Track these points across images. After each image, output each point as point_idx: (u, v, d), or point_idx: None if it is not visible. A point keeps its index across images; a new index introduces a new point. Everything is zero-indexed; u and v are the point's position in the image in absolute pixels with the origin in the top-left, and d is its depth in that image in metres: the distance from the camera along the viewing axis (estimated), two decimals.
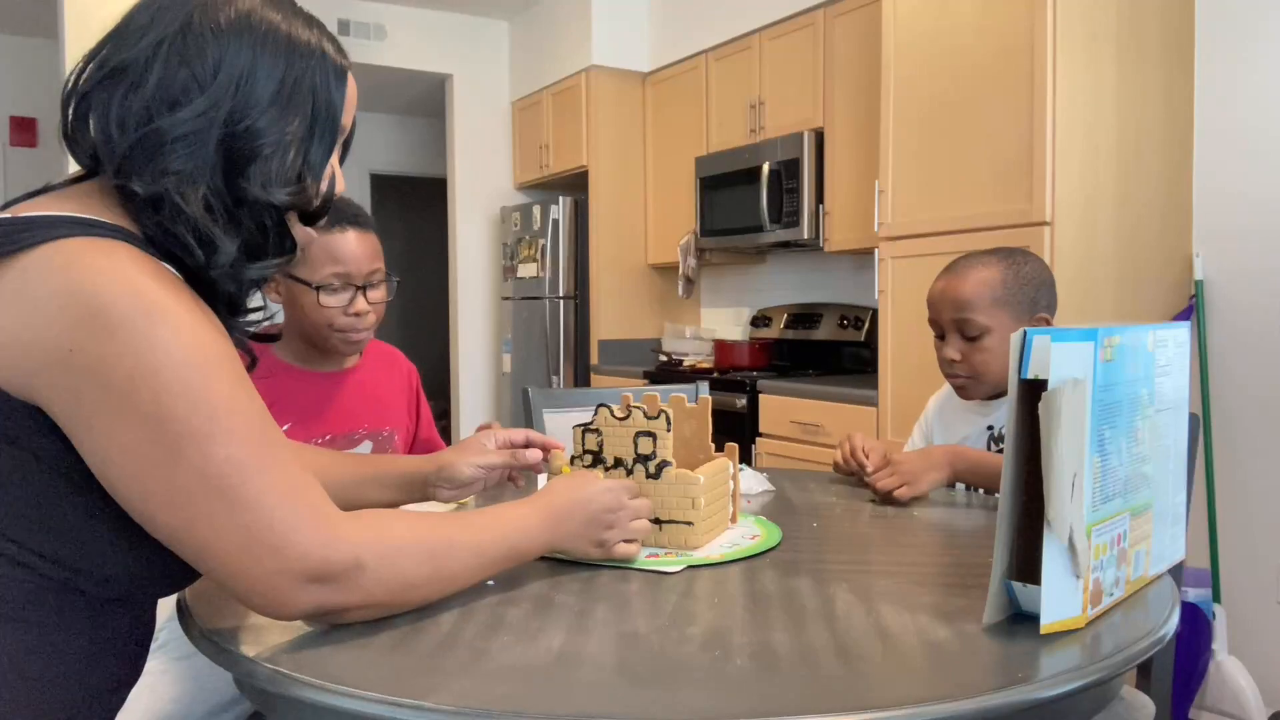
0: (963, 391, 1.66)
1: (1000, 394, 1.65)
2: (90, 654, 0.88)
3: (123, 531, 0.83)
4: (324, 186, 0.95)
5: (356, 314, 1.63)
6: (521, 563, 1.01)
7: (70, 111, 0.88)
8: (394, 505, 1.32)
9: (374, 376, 1.79)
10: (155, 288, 0.79)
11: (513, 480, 1.35)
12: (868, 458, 1.57)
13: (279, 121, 0.88)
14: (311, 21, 0.93)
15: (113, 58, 0.86)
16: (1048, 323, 1.61)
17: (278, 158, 0.88)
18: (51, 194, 0.88)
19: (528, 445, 1.32)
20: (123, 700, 0.97)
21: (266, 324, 1.04)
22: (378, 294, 1.66)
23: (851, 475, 1.62)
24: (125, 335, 0.76)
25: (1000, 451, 1.60)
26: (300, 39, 0.90)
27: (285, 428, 1.64)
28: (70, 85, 0.87)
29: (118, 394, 0.76)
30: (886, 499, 1.48)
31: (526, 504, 1.03)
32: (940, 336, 1.65)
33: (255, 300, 0.97)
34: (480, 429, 1.69)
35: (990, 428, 1.66)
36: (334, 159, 0.96)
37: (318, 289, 1.59)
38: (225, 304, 0.91)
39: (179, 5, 0.87)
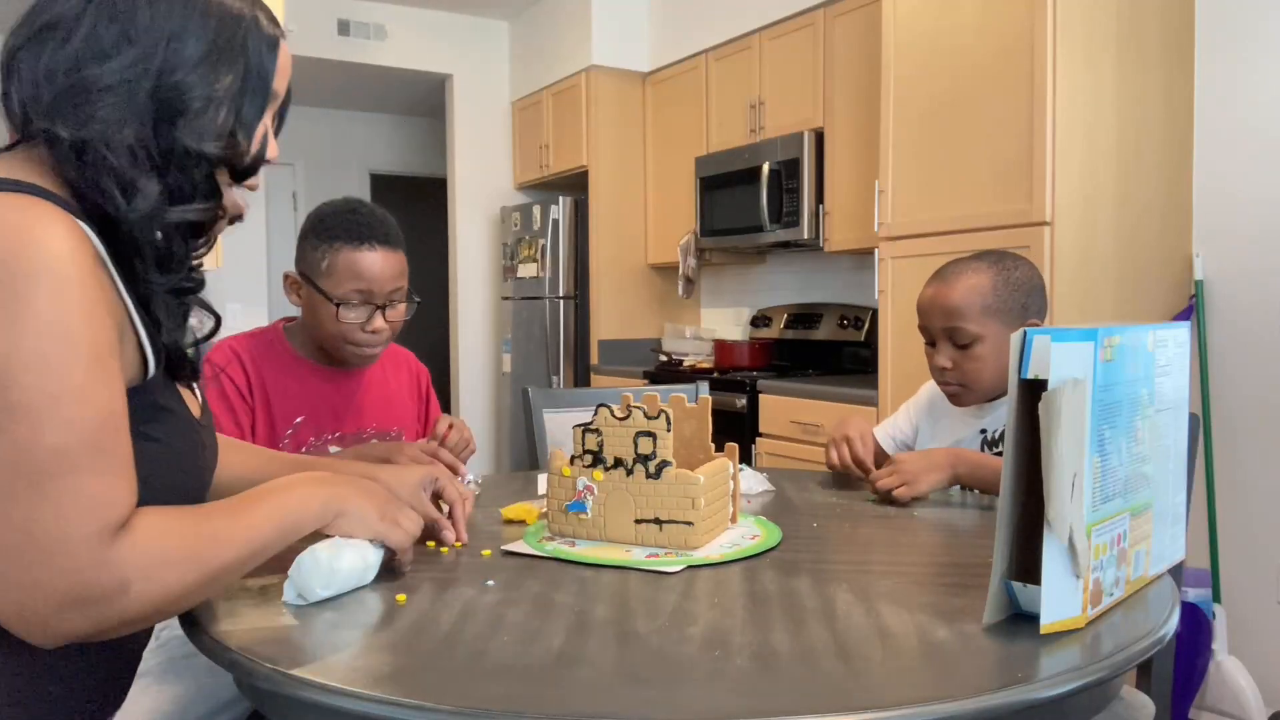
0: (955, 399, 1.65)
1: (992, 398, 1.65)
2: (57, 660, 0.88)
3: None
4: (255, 147, 0.95)
5: (374, 331, 1.63)
6: (299, 536, 0.96)
7: (2, 71, 0.88)
8: None
9: (385, 377, 1.79)
10: (57, 250, 0.77)
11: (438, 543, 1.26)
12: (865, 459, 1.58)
13: (209, 77, 0.89)
14: None
15: (41, 15, 0.87)
16: (1037, 327, 1.60)
17: (209, 113, 0.89)
18: None
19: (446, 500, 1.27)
20: (119, 697, 0.97)
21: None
22: (397, 312, 1.66)
23: (848, 471, 1.63)
24: (3, 288, 0.75)
25: (997, 454, 1.59)
26: (231, 6, 0.92)
27: (297, 422, 1.64)
28: (4, 47, 0.88)
29: None
30: (886, 498, 1.48)
31: (300, 479, 0.99)
32: (931, 344, 1.64)
33: (189, 255, 0.93)
34: (449, 427, 1.64)
35: (984, 431, 1.65)
36: (268, 123, 0.97)
37: (338, 304, 1.59)
38: (154, 261, 0.88)
39: None
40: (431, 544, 1.21)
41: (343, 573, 0.98)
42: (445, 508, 1.25)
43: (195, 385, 1.04)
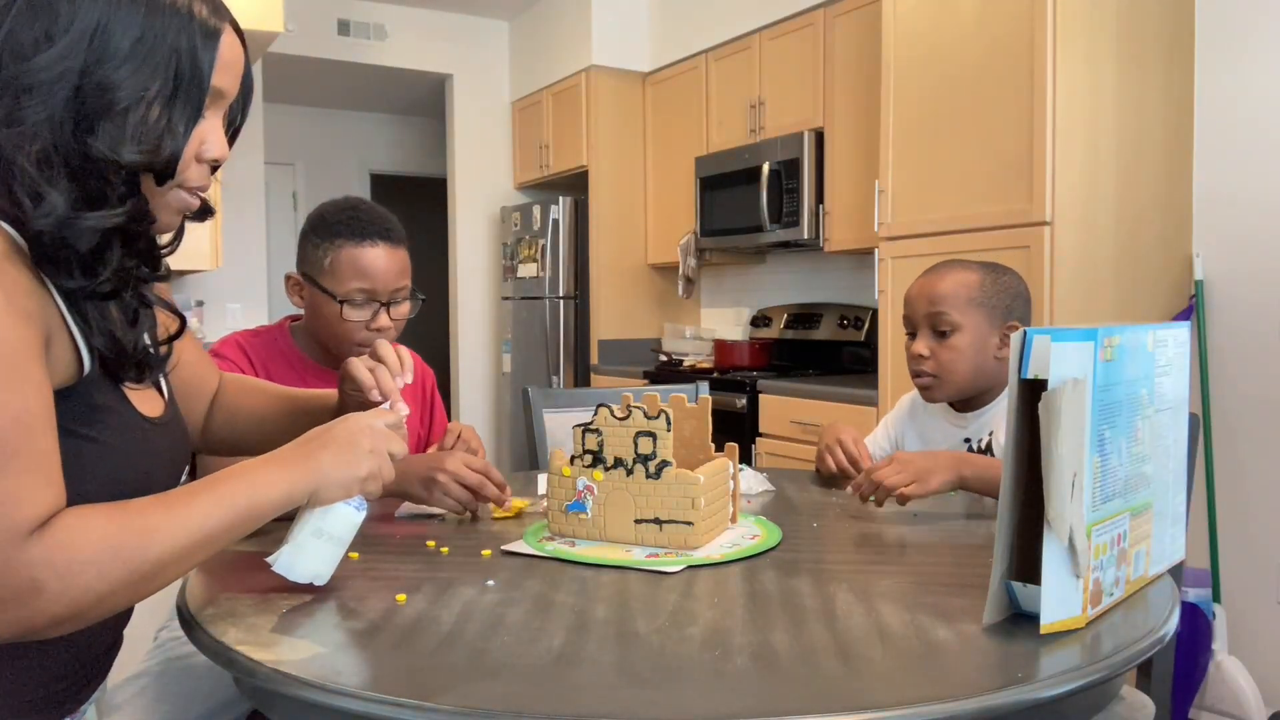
0: (927, 392, 1.65)
1: (964, 400, 1.65)
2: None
3: None
4: (206, 153, 0.91)
5: (378, 329, 1.62)
6: (263, 519, 0.92)
7: None
8: None
9: None
10: None
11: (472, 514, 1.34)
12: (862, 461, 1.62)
13: (134, 76, 0.84)
14: None
15: None
16: (1017, 329, 1.59)
17: (135, 115, 0.85)
18: None
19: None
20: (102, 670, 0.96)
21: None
22: (401, 310, 1.65)
23: (845, 474, 1.63)
24: None
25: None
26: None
27: None
28: None
29: None
30: (881, 498, 1.45)
31: (258, 459, 0.96)
32: (911, 335, 1.65)
33: (111, 258, 0.89)
34: (457, 437, 1.67)
35: (967, 440, 1.65)
36: (214, 124, 0.92)
37: (342, 302, 1.58)
38: (76, 265, 0.85)
39: None
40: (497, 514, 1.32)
41: (335, 532, 0.99)
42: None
43: (162, 383, 1.02)
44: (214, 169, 0.95)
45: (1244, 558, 2.56)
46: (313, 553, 0.98)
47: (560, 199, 4.68)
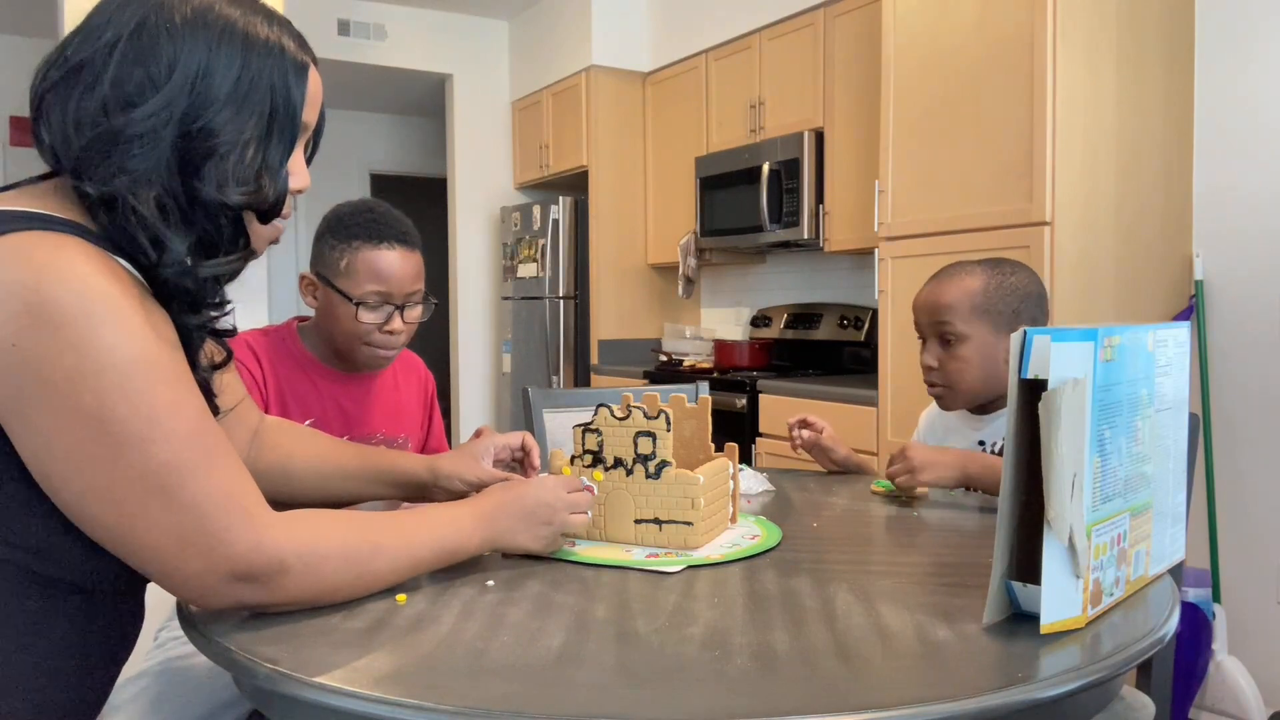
0: (940, 401, 1.65)
1: (981, 405, 1.64)
2: (72, 646, 0.89)
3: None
4: (290, 184, 0.95)
5: (391, 332, 1.62)
6: (457, 560, 1.04)
7: (33, 111, 0.88)
8: (389, 501, 1.34)
9: (395, 382, 1.79)
10: (102, 284, 0.78)
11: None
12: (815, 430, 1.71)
13: (235, 120, 0.87)
14: (272, 18, 0.92)
15: (72, 58, 0.86)
16: None
17: (234, 156, 0.88)
18: (12, 191, 0.89)
19: (524, 449, 1.37)
20: (109, 680, 0.97)
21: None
22: (414, 314, 1.65)
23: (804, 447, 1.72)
24: (68, 332, 0.76)
25: None
26: (258, 35, 0.89)
27: (307, 424, 1.64)
28: (34, 85, 0.88)
29: (59, 392, 0.77)
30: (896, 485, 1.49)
31: (460, 505, 1.08)
32: (923, 342, 1.65)
33: (220, 295, 0.96)
34: (476, 434, 1.71)
35: (982, 443, 1.64)
36: (299, 156, 0.96)
37: (357, 304, 1.58)
38: (185, 302, 0.91)
39: (136, 3, 0.87)
40: None
41: None
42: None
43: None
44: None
45: (1244, 558, 2.56)
46: None
47: (560, 199, 4.68)
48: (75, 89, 0.85)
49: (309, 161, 1.02)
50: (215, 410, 1.02)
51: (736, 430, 3.50)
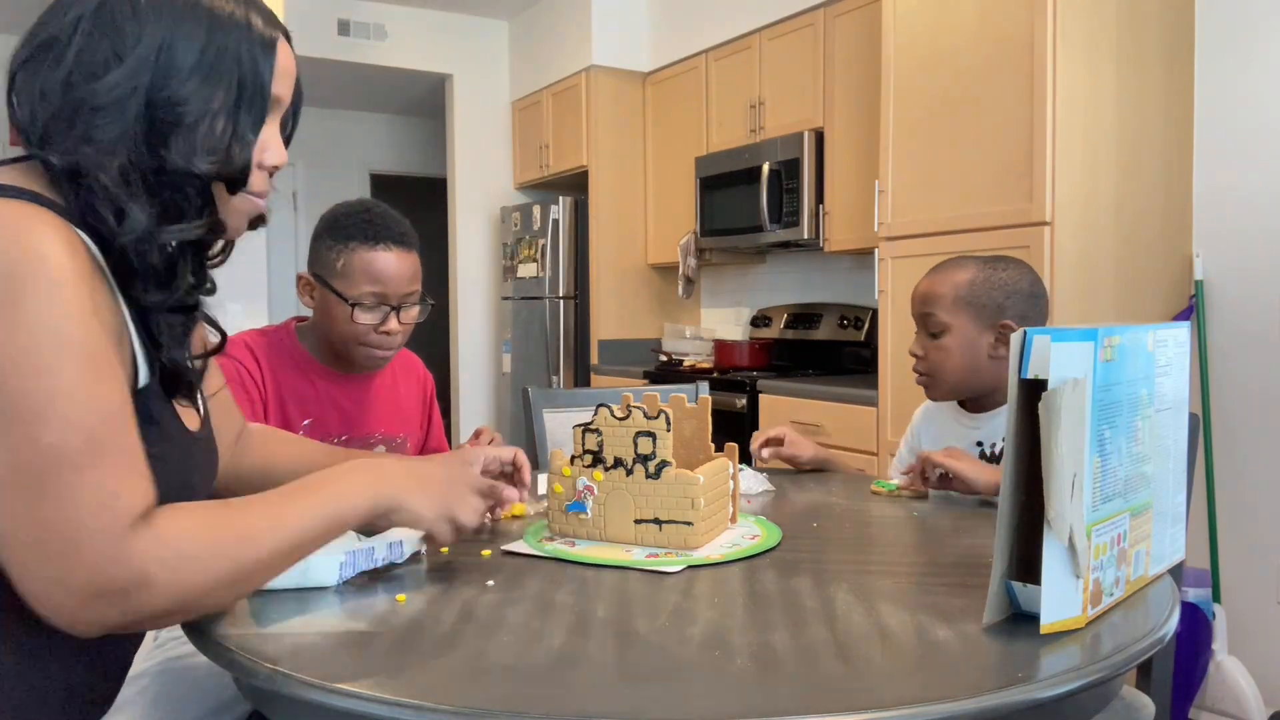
0: (926, 391, 1.68)
1: (974, 402, 1.65)
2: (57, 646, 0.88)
3: None
4: (267, 160, 0.95)
5: (387, 333, 1.62)
6: (345, 528, 0.96)
7: (8, 91, 0.88)
8: None
9: (395, 383, 1.79)
10: (51, 254, 0.77)
11: (490, 513, 1.30)
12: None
13: (201, 90, 0.88)
14: None
15: (39, 34, 0.87)
16: (1009, 328, 1.57)
17: (203, 127, 0.88)
18: None
19: (514, 465, 1.36)
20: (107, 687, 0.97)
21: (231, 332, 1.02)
22: (411, 314, 1.65)
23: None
24: None
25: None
26: (221, 11, 0.90)
27: (305, 424, 1.64)
28: (10, 65, 0.89)
29: None
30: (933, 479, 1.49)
31: (355, 463, 1.00)
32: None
33: (191, 274, 0.94)
34: (475, 435, 1.72)
35: (979, 444, 1.65)
36: (272, 131, 0.96)
37: (353, 305, 1.58)
38: (148, 277, 0.88)
39: None
40: (505, 514, 1.34)
41: (310, 575, 1.01)
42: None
43: (198, 398, 1.04)
44: (272, 174, 0.98)
45: (1244, 558, 2.56)
46: (284, 579, 0.98)
47: (560, 199, 4.68)
48: (43, 64, 0.86)
49: (288, 140, 1.01)
50: (195, 396, 1.01)
51: (736, 430, 3.50)
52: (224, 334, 1.05)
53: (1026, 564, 0.89)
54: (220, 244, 1.02)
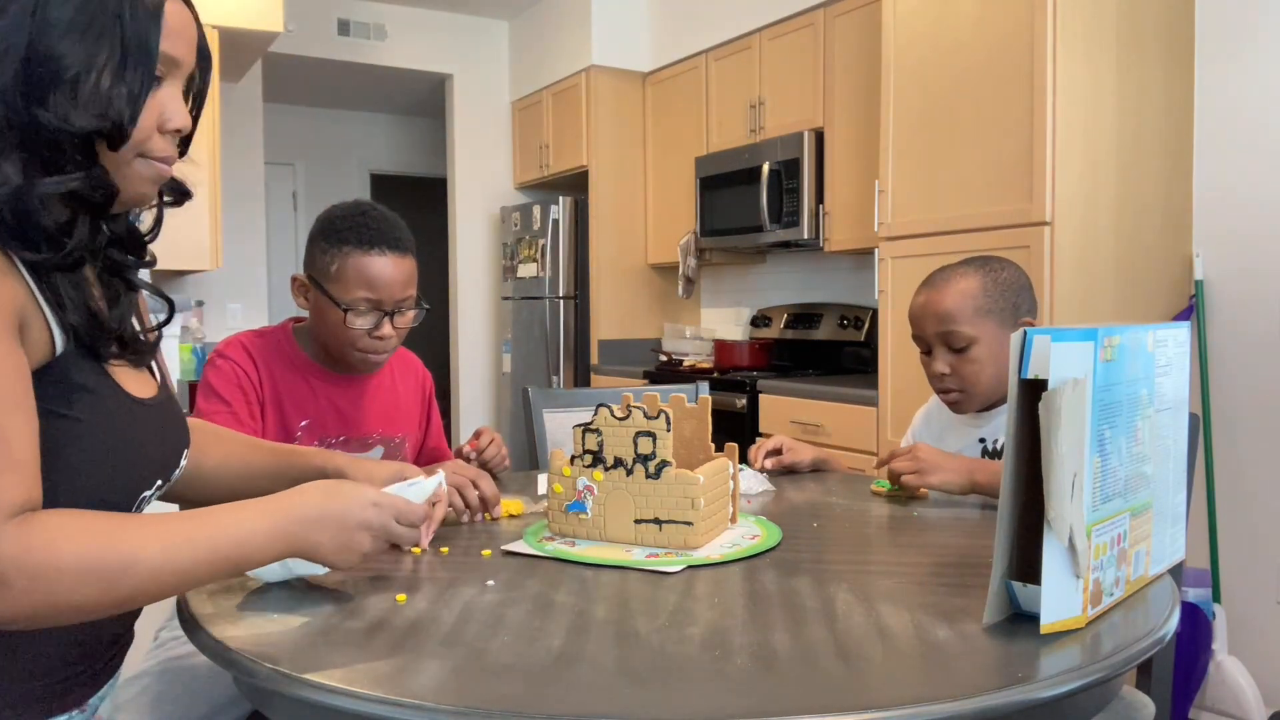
0: (956, 406, 1.64)
1: (989, 405, 1.64)
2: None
3: None
4: (169, 124, 0.92)
5: (381, 337, 1.61)
6: (242, 573, 0.94)
7: None
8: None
9: (393, 383, 1.78)
10: None
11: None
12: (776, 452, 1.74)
13: (80, 46, 0.85)
14: None
15: None
16: (1031, 325, 1.59)
17: (86, 83, 0.85)
18: None
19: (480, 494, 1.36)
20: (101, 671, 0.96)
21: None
22: (405, 319, 1.64)
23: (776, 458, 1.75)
24: None
25: None
26: None
27: (303, 425, 1.64)
28: None
29: None
30: (894, 480, 1.49)
31: (261, 507, 0.92)
32: (926, 352, 1.64)
33: (83, 231, 0.89)
34: (475, 435, 1.71)
35: (982, 440, 1.64)
36: (172, 93, 0.93)
37: (346, 310, 1.58)
38: (42, 239, 0.85)
39: None
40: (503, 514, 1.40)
41: (296, 571, 1.02)
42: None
43: (154, 368, 1.02)
44: (183, 142, 0.95)
45: (1244, 558, 2.56)
46: (270, 570, 0.99)
47: (560, 199, 4.68)
48: None
49: (199, 106, 0.99)
50: (144, 362, 0.99)
51: (736, 430, 3.50)
52: (171, 302, 1.03)
53: (1026, 564, 0.89)
54: (151, 221, 1.00)
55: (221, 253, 3.97)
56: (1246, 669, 2.47)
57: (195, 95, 0.98)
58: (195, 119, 0.97)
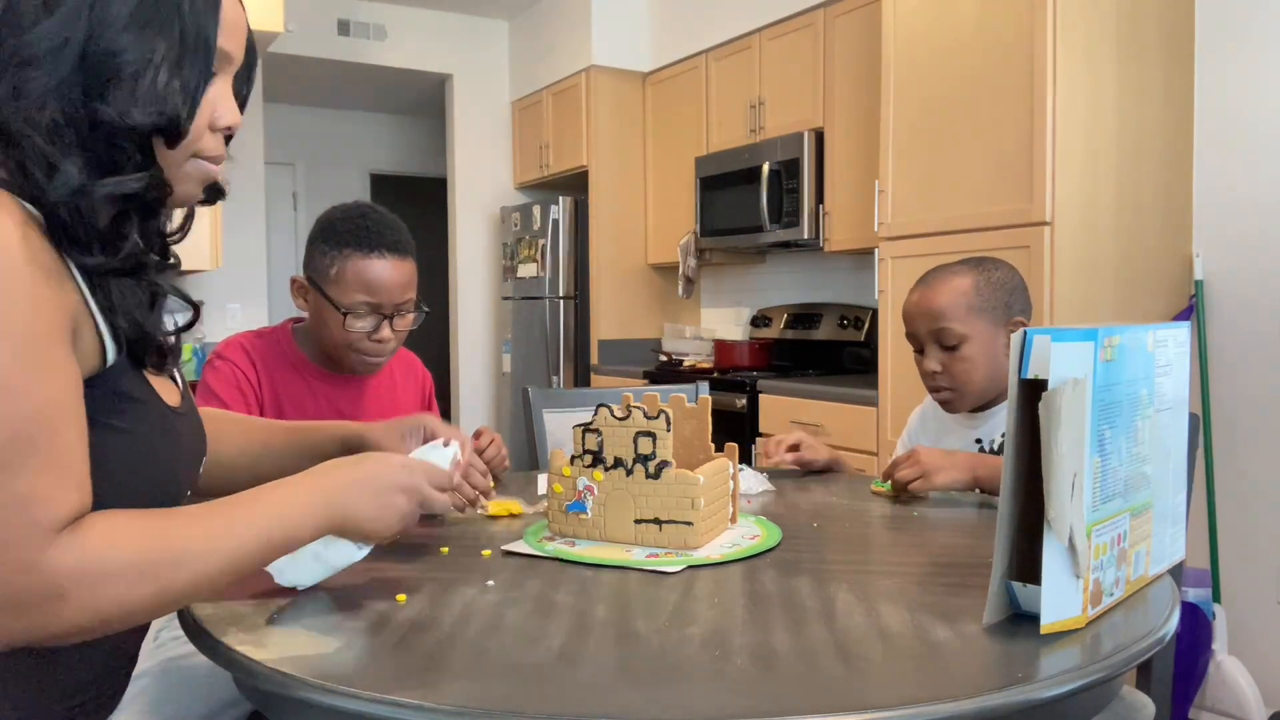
0: (948, 405, 1.65)
1: (984, 405, 1.64)
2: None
3: None
4: (219, 121, 0.90)
5: (380, 340, 1.61)
6: (290, 551, 0.92)
7: None
8: None
9: (393, 383, 1.78)
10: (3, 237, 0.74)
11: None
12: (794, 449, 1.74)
13: (140, 41, 0.83)
14: None
15: None
16: (1024, 325, 1.59)
17: (145, 79, 0.83)
18: None
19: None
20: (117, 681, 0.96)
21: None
22: (404, 322, 1.63)
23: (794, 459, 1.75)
24: None
25: None
26: None
27: None
28: None
29: None
30: (900, 489, 1.48)
31: (295, 484, 0.92)
32: (919, 350, 1.64)
33: (136, 234, 0.88)
34: (475, 435, 1.71)
35: (979, 441, 1.64)
36: (224, 89, 0.91)
37: (345, 313, 1.57)
38: (96, 241, 0.83)
39: None
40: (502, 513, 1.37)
41: (333, 562, 0.99)
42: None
43: (176, 375, 1.01)
44: (228, 138, 0.93)
45: (1244, 558, 2.56)
46: (306, 569, 0.99)
47: (560, 199, 4.68)
48: None
49: (243, 103, 0.97)
50: (170, 370, 0.98)
51: (736, 430, 3.50)
52: (196, 306, 1.01)
53: (1026, 564, 0.89)
54: (181, 219, 0.98)
55: (221, 253, 3.98)
56: (1246, 669, 2.47)
57: (241, 94, 0.97)
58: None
